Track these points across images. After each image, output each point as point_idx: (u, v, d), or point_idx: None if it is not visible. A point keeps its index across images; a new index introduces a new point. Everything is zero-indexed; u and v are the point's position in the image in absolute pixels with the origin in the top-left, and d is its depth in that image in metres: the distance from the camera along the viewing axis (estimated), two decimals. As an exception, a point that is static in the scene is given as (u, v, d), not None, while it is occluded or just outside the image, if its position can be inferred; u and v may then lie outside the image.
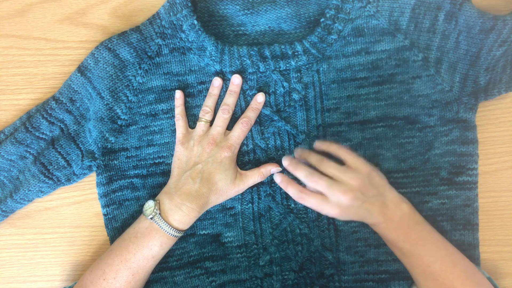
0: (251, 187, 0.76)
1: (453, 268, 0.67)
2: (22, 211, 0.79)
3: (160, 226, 0.70)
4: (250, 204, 0.76)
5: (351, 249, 0.75)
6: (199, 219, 0.76)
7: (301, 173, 0.70)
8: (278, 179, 0.73)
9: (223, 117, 0.74)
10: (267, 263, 0.76)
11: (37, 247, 0.80)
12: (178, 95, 0.76)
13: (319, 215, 0.75)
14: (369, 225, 0.71)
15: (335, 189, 0.68)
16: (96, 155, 0.76)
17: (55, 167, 0.76)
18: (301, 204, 0.75)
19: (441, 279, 0.66)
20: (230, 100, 0.75)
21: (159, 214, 0.70)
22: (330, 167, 0.69)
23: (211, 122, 0.75)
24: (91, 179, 0.79)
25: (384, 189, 0.70)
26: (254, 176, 0.74)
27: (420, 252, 0.67)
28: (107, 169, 0.76)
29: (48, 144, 0.76)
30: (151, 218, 0.70)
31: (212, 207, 0.75)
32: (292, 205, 0.76)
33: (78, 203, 0.80)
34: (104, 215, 0.77)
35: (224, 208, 0.76)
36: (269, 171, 0.75)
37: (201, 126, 0.75)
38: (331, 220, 0.75)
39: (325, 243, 0.75)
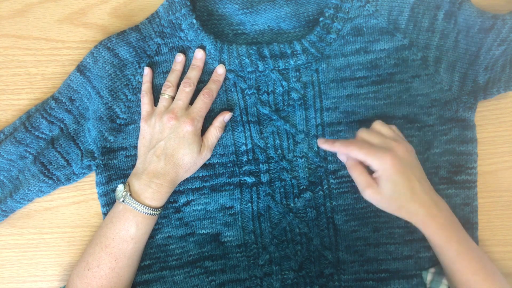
0: (251, 187, 0.75)
1: (493, 276, 0.63)
2: (22, 211, 0.79)
3: (132, 206, 0.69)
4: (250, 204, 0.76)
5: (350, 248, 0.75)
6: (199, 218, 0.76)
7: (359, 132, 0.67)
8: (321, 140, 0.68)
9: (184, 90, 0.73)
10: (266, 263, 0.76)
11: (37, 247, 0.80)
12: (146, 71, 0.75)
13: (318, 214, 0.75)
14: (415, 222, 0.64)
15: (390, 138, 0.65)
16: (95, 155, 0.76)
17: (55, 166, 0.76)
18: (300, 203, 0.75)
19: None
20: (192, 74, 0.74)
21: (130, 195, 0.70)
22: (389, 128, 0.67)
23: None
24: (91, 179, 0.79)
25: (424, 178, 0.66)
26: (214, 134, 0.73)
27: (469, 255, 0.63)
28: (106, 168, 0.76)
29: (47, 143, 0.76)
30: (123, 201, 0.70)
31: (211, 207, 0.76)
32: (292, 205, 0.76)
33: (78, 203, 0.80)
34: (104, 214, 0.77)
35: (223, 207, 0.76)
36: (222, 120, 0.74)
37: (162, 101, 0.73)
38: (330, 219, 0.75)
39: (324, 242, 0.75)
